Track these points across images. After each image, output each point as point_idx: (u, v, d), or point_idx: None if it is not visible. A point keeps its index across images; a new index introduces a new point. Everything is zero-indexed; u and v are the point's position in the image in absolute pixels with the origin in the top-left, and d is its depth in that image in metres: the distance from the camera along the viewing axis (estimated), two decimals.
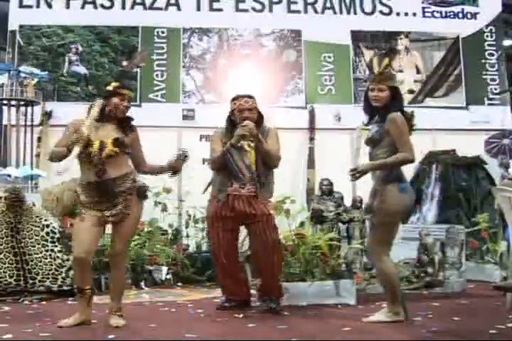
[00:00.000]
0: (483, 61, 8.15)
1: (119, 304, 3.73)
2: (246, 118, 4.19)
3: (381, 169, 3.68)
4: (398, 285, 3.77)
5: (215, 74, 7.94)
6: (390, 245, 3.75)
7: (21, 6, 7.76)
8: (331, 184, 5.46)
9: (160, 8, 7.94)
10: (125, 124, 3.75)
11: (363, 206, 5.25)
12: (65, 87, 7.65)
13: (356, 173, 3.60)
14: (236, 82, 7.68)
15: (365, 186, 4.14)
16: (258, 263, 4.27)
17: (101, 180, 3.58)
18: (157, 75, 7.76)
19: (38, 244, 4.80)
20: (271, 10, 8.08)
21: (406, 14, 8.20)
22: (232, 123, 4.29)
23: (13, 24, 7.72)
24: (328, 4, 8.12)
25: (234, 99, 4.30)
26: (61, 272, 4.80)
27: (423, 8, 8.24)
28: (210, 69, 7.97)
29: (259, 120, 4.29)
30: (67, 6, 7.83)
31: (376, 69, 3.86)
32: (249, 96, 4.30)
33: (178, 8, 7.98)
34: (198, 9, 8.01)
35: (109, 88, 3.71)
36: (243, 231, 4.45)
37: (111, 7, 7.88)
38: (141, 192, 3.72)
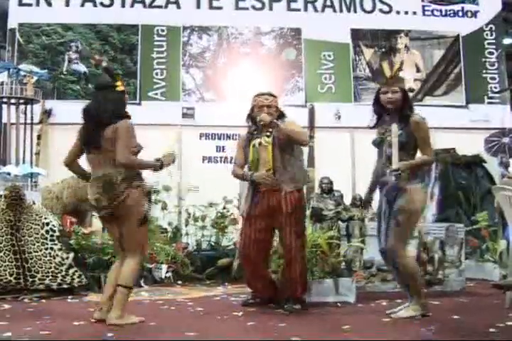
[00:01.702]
0: (483, 60, 8.13)
1: None
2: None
3: (415, 168, 3.82)
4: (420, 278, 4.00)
5: (215, 72, 7.93)
6: (409, 241, 3.97)
7: (21, 4, 7.73)
8: (330, 182, 5.44)
9: (160, 7, 7.92)
10: None
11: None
12: (65, 85, 7.64)
13: (400, 173, 3.69)
14: (236, 81, 7.68)
15: (365, 185, 4.15)
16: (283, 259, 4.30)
17: None
18: (157, 73, 7.75)
19: (38, 242, 4.80)
20: (271, 8, 8.06)
21: (406, 13, 8.17)
22: (253, 121, 4.35)
23: (12, 22, 7.70)
24: (328, 2, 8.10)
25: (255, 97, 4.36)
26: (61, 270, 4.80)
27: (423, 6, 8.21)
28: (209, 68, 7.95)
29: (279, 118, 4.33)
30: (67, 4, 7.80)
31: (387, 73, 3.91)
32: (270, 94, 4.37)
33: (178, 7, 7.95)
34: (198, 7, 7.99)
35: (122, 88, 3.75)
36: None
37: (110, 5, 7.86)
38: None
